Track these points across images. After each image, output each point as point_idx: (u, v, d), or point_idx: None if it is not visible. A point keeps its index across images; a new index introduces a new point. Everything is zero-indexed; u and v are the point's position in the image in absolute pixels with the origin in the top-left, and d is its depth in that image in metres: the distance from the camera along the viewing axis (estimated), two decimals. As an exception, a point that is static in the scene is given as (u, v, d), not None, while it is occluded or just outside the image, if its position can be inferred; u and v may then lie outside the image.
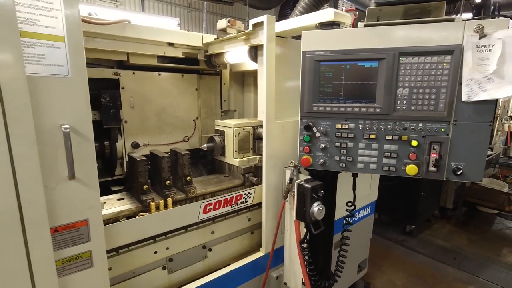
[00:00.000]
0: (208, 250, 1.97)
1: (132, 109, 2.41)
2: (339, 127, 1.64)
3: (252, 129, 2.31)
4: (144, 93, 2.45)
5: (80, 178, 1.22)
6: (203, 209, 1.80)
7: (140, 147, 2.49)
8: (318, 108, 1.66)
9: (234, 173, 2.30)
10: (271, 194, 2.00)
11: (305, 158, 1.71)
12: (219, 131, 2.36)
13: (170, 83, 2.58)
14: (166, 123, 2.61)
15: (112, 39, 2.01)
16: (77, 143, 1.19)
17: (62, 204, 1.20)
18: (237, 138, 2.23)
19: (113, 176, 2.46)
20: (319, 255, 1.93)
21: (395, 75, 1.49)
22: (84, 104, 1.19)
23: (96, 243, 1.32)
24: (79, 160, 1.21)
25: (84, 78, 1.18)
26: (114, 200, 1.85)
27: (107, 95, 2.17)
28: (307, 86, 1.66)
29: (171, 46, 2.29)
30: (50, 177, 1.15)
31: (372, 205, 3.12)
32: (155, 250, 1.70)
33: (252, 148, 2.34)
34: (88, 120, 1.21)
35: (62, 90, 1.14)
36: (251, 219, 2.18)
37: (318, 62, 1.62)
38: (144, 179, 1.75)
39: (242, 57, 2.16)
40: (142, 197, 1.72)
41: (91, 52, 2.06)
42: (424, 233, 4.53)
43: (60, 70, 1.13)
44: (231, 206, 1.95)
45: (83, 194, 1.24)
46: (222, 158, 2.40)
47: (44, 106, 1.11)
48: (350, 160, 1.65)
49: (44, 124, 1.12)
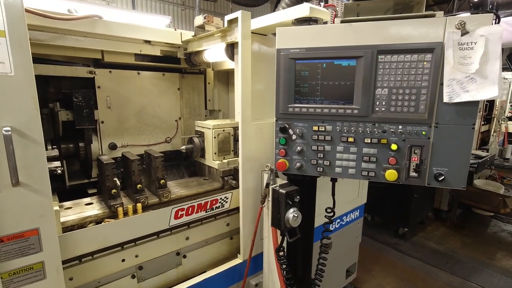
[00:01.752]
0: (182, 257, 1.88)
1: (109, 109, 2.32)
2: (316, 129, 1.55)
3: (232, 130, 2.22)
4: (122, 92, 2.36)
5: (28, 184, 1.13)
6: (174, 214, 1.71)
7: (118, 148, 2.40)
8: (294, 109, 1.57)
9: (214, 176, 2.22)
10: (249, 198, 1.92)
11: (281, 162, 1.62)
12: (199, 132, 2.27)
13: (150, 82, 2.49)
14: (146, 124, 2.52)
15: (83, 36, 1.92)
16: (23, 146, 1.10)
17: (7, 213, 1.11)
18: (217, 140, 2.15)
19: (89, 178, 2.37)
20: (298, 263, 1.84)
21: (373, 75, 1.40)
22: (30, 104, 1.10)
23: (49, 253, 1.23)
24: (26, 165, 1.12)
25: (30, 76, 1.09)
26: (82, 204, 1.76)
27: (80, 94, 2.07)
28: (282, 86, 1.57)
29: (147, 44, 2.20)
30: (-8, 183, 1.06)
31: (361, 209, 3.03)
32: (123, 258, 1.61)
33: (233, 150, 2.26)
34: (36, 121, 1.12)
35: (3, 90, 1.05)
36: (230, 224, 2.09)
37: (293, 60, 1.53)
38: (112, 183, 1.66)
39: (221, 55, 2.07)
40: (110, 202, 1.63)
41: (62, 50, 1.97)
42: (417, 235, 4.45)
43: (1, 67, 1.04)
44: (206, 212, 1.86)
45: (32, 202, 1.15)
46: (202, 160, 2.31)
47: (-17, 107, 1.02)
48: (328, 164, 1.56)
49: (-16, 126, 1.03)
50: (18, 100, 1.08)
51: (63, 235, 1.33)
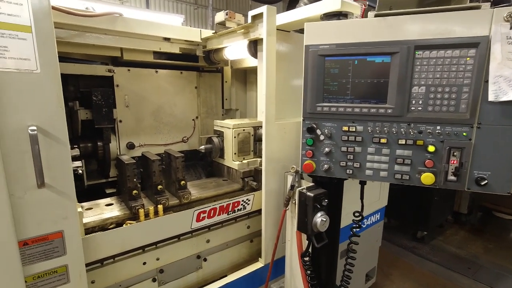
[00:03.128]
0: (202, 260, 1.83)
1: (127, 108, 2.29)
2: (346, 130, 1.48)
3: (252, 130, 2.16)
4: (140, 91, 2.33)
5: (53, 186, 1.10)
6: (196, 217, 1.66)
7: (135, 147, 2.37)
8: (322, 108, 1.50)
9: (233, 177, 2.16)
10: (271, 200, 1.85)
11: (308, 164, 1.55)
12: (218, 131, 2.22)
13: (168, 81, 2.45)
14: (163, 123, 2.48)
15: (103, 33, 1.89)
16: (48, 146, 1.06)
17: (32, 215, 1.08)
18: (237, 140, 2.09)
19: (107, 178, 2.35)
20: (323, 268, 1.77)
21: (410, 72, 1.32)
22: (56, 103, 1.06)
23: (73, 257, 1.19)
24: (51, 166, 1.08)
25: (56, 73, 1.05)
26: (102, 205, 1.72)
27: (99, 93, 2.05)
28: (310, 84, 1.50)
29: (167, 41, 2.15)
30: (16, 185, 1.03)
31: (381, 211, 2.94)
32: (144, 261, 1.57)
33: (253, 150, 2.20)
34: (61, 120, 1.08)
35: (29, 87, 1.01)
36: (250, 226, 2.03)
37: (322, 57, 1.46)
38: (133, 184, 1.62)
39: (242, 52, 2.01)
40: (131, 204, 1.59)
41: (83, 48, 1.94)
42: (436, 239, 4.31)
43: (26, 64, 1.00)
44: (228, 214, 1.81)
45: (57, 203, 1.12)
46: (221, 161, 2.26)
47: (8, 105, 0.98)
48: (358, 166, 1.48)
49: (8, 125, 0.99)
50: (43, 98, 1.04)
51: (86, 238, 1.29)
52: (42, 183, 1.03)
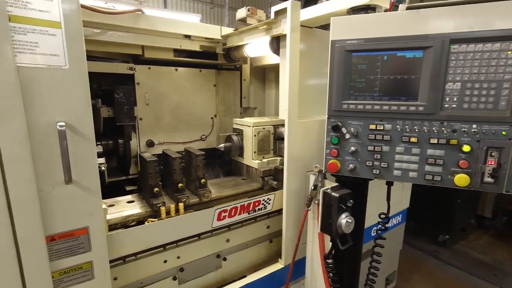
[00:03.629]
0: (222, 260, 1.81)
1: (147, 105, 2.30)
2: (373, 128, 1.42)
3: (273, 128, 2.12)
4: (160, 89, 2.33)
5: (79, 182, 1.10)
6: (217, 216, 1.64)
7: (155, 145, 2.38)
8: (349, 106, 1.45)
9: (253, 176, 2.13)
10: (292, 200, 1.81)
11: (332, 163, 1.51)
12: (238, 129, 2.20)
13: (187, 79, 2.44)
14: (182, 121, 2.48)
15: (125, 31, 1.89)
16: (75, 143, 1.06)
17: (59, 210, 1.08)
18: (257, 138, 2.06)
19: (127, 175, 2.37)
20: (345, 271, 1.72)
21: (444, 67, 1.25)
22: (83, 99, 1.06)
23: (98, 253, 1.19)
24: (78, 162, 1.08)
25: (84, 69, 1.05)
26: (124, 202, 1.73)
27: (121, 90, 2.06)
28: (336, 81, 1.45)
29: (187, 39, 2.15)
30: (45, 180, 1.03)
31: (403, 213, 2.85)
32: (165, 259, 1.56)
33: (272, 149, 2.16)
34: (88, 117, 1.08)
35: (58, 83, 1.01)
36: (270, 226, 2.00)
37: (349, 52, 1.41)
38: (155, 181, 1.62)
39: (263, 49, 1.98)
40: (152, 201, 1.59)
41: (104, 46, 1.95)
42: (458, 244, 4.15)
43: (56, 60, 1.00)
44: (248, 213, 1.78)
45: (83, 199, 1.12)
46: (240, 159, 2.23)
47: (38, 101, 0.99)
48: (385, 166, 1.42)
49: (37, 121, 0.99)
50: (71, 94, 1.04)
51: (110, 235, 1.29)
52: (70, 179, 1.03)
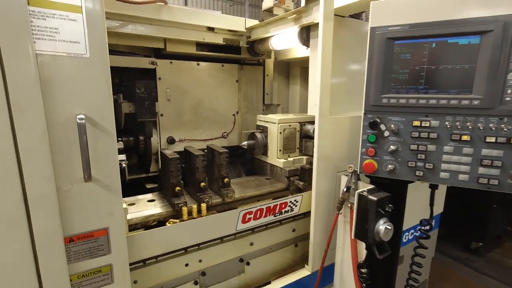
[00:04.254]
0: (245, 264, 1.71)
1: (168, 101, 2.24)
2: (417, 125, 1.27)
3: (299, 126, 2.00)
4: (181, 84, 2.26)
5: (99, 179, 1.02)
6: (242, 218, 1.54)
7: (175, 142, 2.31)
8: (389, 100, 1.31)
9: (277, 176, 2.02)
10: (321, 203, 1.69)
11: (369, 163, 1.37)
12: (262, 127, 2.09)
13: (209, 74, 2.36)
14: (203, 117, 2.40)
15: (148, 23, 1.83)
16: (95, 137, 0.99)
17: (78, 210, 1.01)
18: (282, 136, 1.94)
19: (147, 173, 2.31)
20: (380, 281, 1.57)
21: (506, 54, 1.09)
22: (104, 90, 0.98)
23: (118, 256, 1.12)
24: (98, 158, 1.01)
25: (105, 58, 0.97)
26: (144, 201, 1.66)
27: (142, 85, 2.00)
28: (375, 72, 1.31)
29: (211, 32, 2.06)
30: (63, 177, 0.96)
31: (436, 218, 2.65)
32: (187, 262, 1.48)
33: (298, 148, 2.04)
34: (109, 110, 1.01)
35: (78, 73, 0.94)
36: (296, 229, 1.88)
37: (391, 40, 1.26)
38: (176, 180, 1.54)
39: (290, 41, 1.86)
40: (174, 201, 1.51)
41: (126, 39, 1.90)
42: (493, 252, 3.86)
43: (76, 48, 0.92)
44: (274, 216, 1.67)
45: (103, 198, 1.04)
46: (263, 158, 2.13)
47: (57, 92, 0.92)
48: (431, 167, 1.27)
49: (56, 113, 0.93)
50: (92, 85, 0.96)
51: (130, 237, 1.21)
52: (89, 176, 0.95)
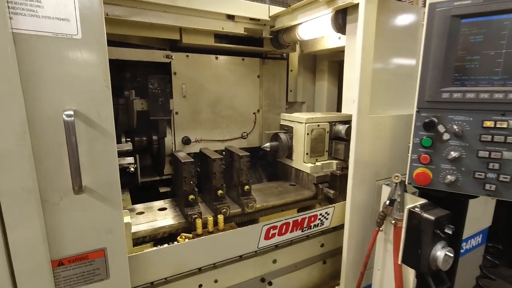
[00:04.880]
0: (267, 284, 1.49)
1: (184, 98, 2.05)
2: (489, 126, 1.01)
3: (328, 126, 1.76)
4: (198, 79, 2.08)
5: (95, 190, 0.84)
6: (265, 233, 1.32)
7: (191, 143, 2.13)
8: (451, 94, 1.05)
9: (304, 182, 1.79)
10: (357, 216, 1.45)
11: (422, 173, 1.12)
12: (286, 127, 1.87)
13: (228, 68, 2.16)
14: (221, 116, 2.20)
15: (162, 11, 1.65)
16: (90, 139, 0.81)
17: (69, 227, 0.83)
18: (310, 137, 1.71)
19: (161, 176, 2.15)
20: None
21: None
22: (101, 81, 0.80)
23: (117, 282, 0.94)
24: (94, 164, 0.82)
25: (102, 41, 0.78)
26: (155, 209, 1.49)
27: (155, 80, 1.83)
28: (434, 60, 1.06)
29: (230, 20, 1.86)
30: (50, 188, 0.78)
31: (484, 233, 2.33)
32: (200, 283, 1.28)
33: (327, 151, 1.80)
34: (107, 106, 0.82)
35: (67, 58, 0.75)
36: (325, 244, 1.64)
37: (457, 18, 1.01)
38: (190, 187, 1.34)
39: (321, 29, 1.63)
40: (187, 211, 1.32)
41: (139, 29, 1.73)
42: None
43: (65, 27, 0.74)
44: (302, 230, 1.44)
45: (99, 213, 0.86)
46: (288, 162, 1.90)
47: (42, 82, 0.74)
48: (507, 180, 1.00)
49: (40, 109, 0.75)
50: (84, 73, 0.78)
51: (134, 257, 1.02)
52: (80, 187, 0.77)
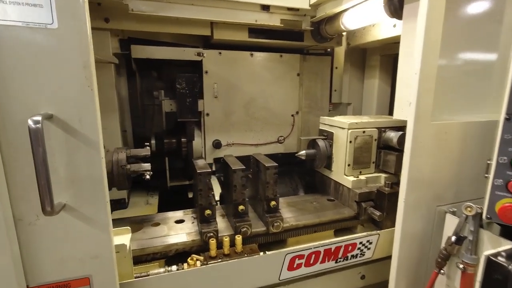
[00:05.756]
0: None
1: (215, 98, 1.92)
2: None
3: (376, 133, 1.47)
4: (231, 78, 1.92)
5: (77, 209, 0.71)
6: (288, 263, 1.10)
7: (222, 147, 1.98)
8: None
9: (344, 198, 1.52)
10: (409, 249, 1.15)
11: (511, 207, 0.80)
12: (326, 132, 1.61)
13: (264, 66, 1.97)
14: (255, 118, 2.02)
15: (190, 4, 1.52)
16: (71, 148, 0.68)
17: (48, 250, 0.71)
18: (353, 145, 1.44)
19: (190, 180, 2.05)
20: None
21: None
22: (81, 79, 0.66)
23: (106, 315, 0.80)
24: (75, 178, 0.69)
25: (84, 32, 0.64)
26: (171, 221, 1.36)
27: (183, 80, 1.72)
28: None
29: (265, 11, 1.67)
30: (25, 206, 0.67)
31: None
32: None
33: (374, 162, 1.51)
34: (91, 110, 0.68)
35: (41, 52, 0.63)
36: (366, 276, 1.36)
37: None
38: (206, 202, 1.18)
39: (370, 15, 1.34)
40: (202, 227, 1.16)
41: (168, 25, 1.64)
42: None
43: (37, 14, 0.61)
44: (336, 261, 1.18)
45: (83, 235, 0.73)
46: (326, 172, 1.65)
47: (10, 81, 0.62)
48: None
49: (10, 113, 0.63)
50: (61, 71, 0.65)
51: (127, 284, 0.88)
52: (51, 207, 0.64)
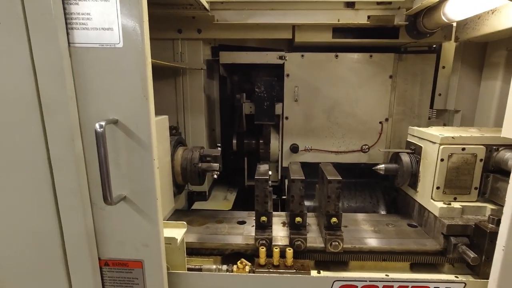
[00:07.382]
0: None
1: (295, 102, 1.89)
2: None
3: (484, 151, 1.16)
4: (314, 82, 1.86)
5: (133, 201, 0.83)
6: (337, 291, 0.99)
7: (299, 151, 1.94)
8: None
9: (429, 226, 1.26)
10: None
11: None
12: (414, 145, 1.37)
13: (352, 68, 1.82)
14: (337, 124, 1.89)
15: (270, 9, 1.53)
16: (129, 149, 0.79)
17: (113, 232, 0.86)
18: (446, 164, 1.18)
19: (266, 181, 2.08)
20: None
21: None
22: (138, 90, 0.76)
23: (155, 295, 0.90)
24: (132, 175, 0.81)
25: (142, 49, 0.74)
26: (234, 221, 1.41)
27: (262, 83, 1.75)
28: None
29: (349, 8, 1.52)
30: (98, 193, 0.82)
31: None
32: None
33: (476, 188, 1.20)
34: (145, 117, 0.77)
35: (111, 67, 0.75)
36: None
37: None
38: (263, 208, 1.18)
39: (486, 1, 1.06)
40: (256, 233, 1.17)
41: (249, 31, 1.70)
42: None
43: (108, 36, 0.73)
44: (399, 302, 1.00)
45: (136, 225, 0.84)
46: (410, 192, 1.41)
47: (90, 92, 0.77)
48: None
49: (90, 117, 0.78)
50: (124, 83, 0.76)
51: (174, 274, 0.96)
52: (109, 198, 0.76)
